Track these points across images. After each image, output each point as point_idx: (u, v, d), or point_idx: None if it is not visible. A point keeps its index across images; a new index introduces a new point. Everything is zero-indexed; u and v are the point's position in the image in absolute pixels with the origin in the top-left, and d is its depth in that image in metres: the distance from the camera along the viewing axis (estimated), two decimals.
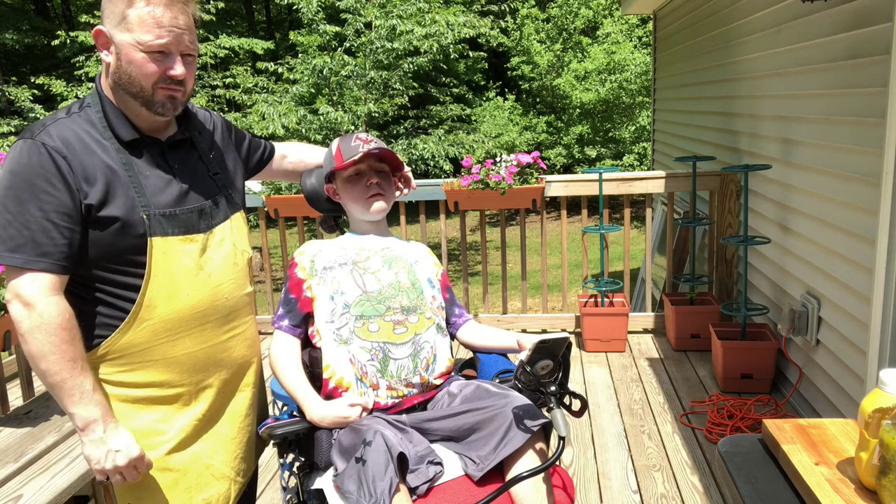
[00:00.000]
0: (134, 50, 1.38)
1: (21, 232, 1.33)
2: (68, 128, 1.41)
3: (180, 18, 1.39)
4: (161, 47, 1.38)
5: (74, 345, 1.37)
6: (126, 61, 1.39)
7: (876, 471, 1.05)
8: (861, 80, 2.52)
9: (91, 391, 1.38)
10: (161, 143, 1.51)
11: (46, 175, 1.35)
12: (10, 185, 1.35)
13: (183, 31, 1.40)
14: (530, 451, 1.51)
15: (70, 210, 1.36)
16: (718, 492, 2.57)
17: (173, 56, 1.40)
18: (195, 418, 1.55)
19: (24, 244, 1.33)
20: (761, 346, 3.32)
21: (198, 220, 1.52)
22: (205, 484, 1.56)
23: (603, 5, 13.48)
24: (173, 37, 1.38)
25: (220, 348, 1.57)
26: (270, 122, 8.49)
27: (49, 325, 1.33)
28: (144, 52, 1.38)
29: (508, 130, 13.33)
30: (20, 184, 1.34)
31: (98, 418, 1.38)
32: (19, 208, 1.34)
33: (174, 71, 1.40)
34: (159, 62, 1.39)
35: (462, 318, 1.94)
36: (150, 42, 1.37)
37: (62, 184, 1.36)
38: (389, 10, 8.84)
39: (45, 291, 1.34)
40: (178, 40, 1.40)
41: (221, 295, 1.55)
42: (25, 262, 1.33)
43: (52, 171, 1.35)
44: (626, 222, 4.20)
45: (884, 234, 2.35)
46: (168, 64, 1.40)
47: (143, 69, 1.39)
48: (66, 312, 1.36)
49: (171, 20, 1.38)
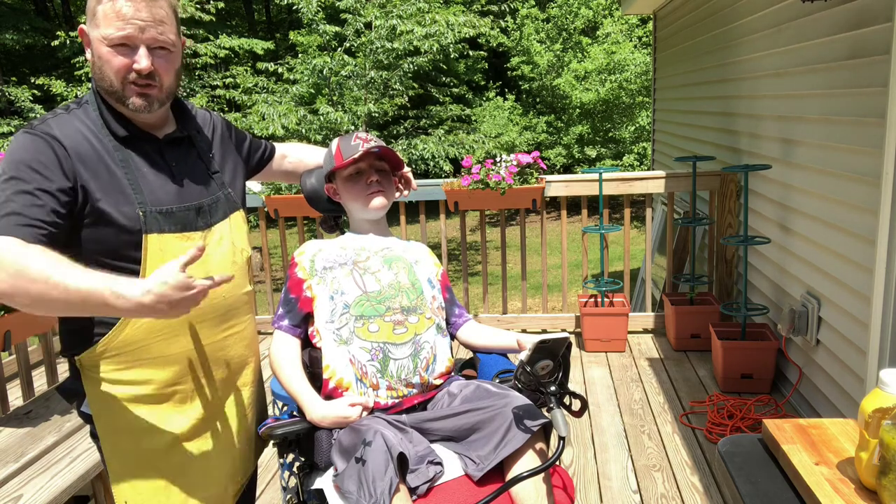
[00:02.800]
0: (101, 45, 1.39)
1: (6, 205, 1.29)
2: (68, 123, 1.42)
3: (143, 11, 1.39)
4: (122, 39, 1.38)
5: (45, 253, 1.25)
6: (97, 56, 1.41)
7: (876, 471, 1.05)
8: (861, 80, 2.52)
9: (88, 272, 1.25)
10: (159, 141, 1.52)
11: (44, 161, 1.35)
12: (4, 170, 1.35)
13: (147, 22, 1.39)
14: (530, 451, 1.51)
15: (61, 195, 1.34)
16: (718, 492, 2.57)
17: (137, 49, 1.40)
18: (194, 417, 1.55)
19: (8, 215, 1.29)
20: (761, 346, 3.32)
21: (195, 217, 1.52)
22: (204, 483, 1.56)
23: (603, 5, 13.48)
24: (134, 28, 1.38)
25: (217, 347, 1.57)
26: (270, 123, 8.50)
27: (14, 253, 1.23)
28: (108, 46, 1.39)
29: (508, 130, 13.32)
30: (17, 167, 1.34)
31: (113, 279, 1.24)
32: (10, 189, 1.31)
33: (138, 64, 1.39)
34: (124, 55, 1.39)
35: (462, 318, 1.94)
36: (111, 35, 1.37)
37: (59, 171, 1.36)
38: (389, 10, 8.85)
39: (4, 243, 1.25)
40: (142, 32, 1.39)
41: (219, 294, 1.54)
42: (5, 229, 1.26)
43: (51, 159, 1.36)
44: (626, 222, 4.20)
45: (884, 234, 2.35)
46: (133, 57, 1.40)
47: (109, 63, 1.40)
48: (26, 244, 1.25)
49: (133, 12, 1.38)
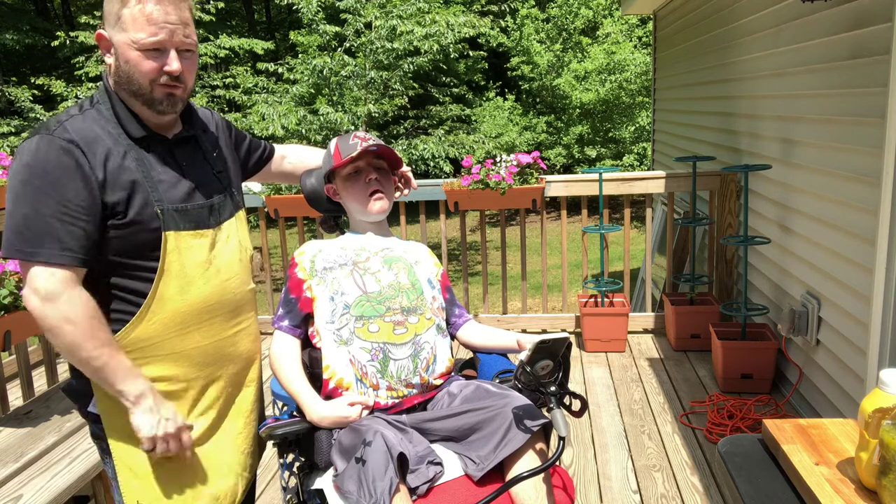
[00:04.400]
0: (129, 49, 1.39)
1: (41, 227, 1.34)
2: (83, 124, 1.42)
3: (172, 14, 1.40)
4: (154, 44, 1.39)
5: (105, 329, 1.40)
6: (123, 61, 1.41)
7: (876, 471, 1.05)
8: (861, 80, 2.52)
9: (132, 366, 1.42)
10: (168, 141, 1.53)
11: (66, 170, 1.36)
12: (27, 181, 1.35)
13: (176, 25, 1.40)
14: (530, 452, 1.51)
15: (88, 205, 1.37)
16: (718, 492, 2.57)
17: (168, 52, 1.41)
18: (205, 413, 1.56)
19: (44, 240, 1.34)
20: (761, 346, 3.32)
21: (207, 215, 1.54)
22: (213, 478, 1.57)
23: (603, 5, 13.48)
24: (166, 33, 1.39)
25: (227, 342, 1.59)
26: (270, 123, 8.50)
27: (78, 315, 1.35)
28: (139, 51, 1.39)
29: (508, 131, 13.32)
30: (38, 179, 1.35)
31: (146, 390, 1.42)
32: (38, 204, 1.34)
33: (170, 67, 1.41)
34: (155, 59, 1.40)
35: (462, 319, 1.94)
36: (143, 40, 1.38)
37: (81, 179, 1.37)
38: (389, 11, 8.85)
39: (66, 285, 1.35)
40: (172, 35, 1.40)
41: (229, 289, 1.57)
42: (48, 257, 1.34)
43: (71, 167, 1.36)
44: (626, 222, 4.20)
45: (884, 234, 2.35)
46: (164, 60, 1.41)
47: (139, 67, 1.40)
48: (90, 301, 1.39)
49: (164, 16, 1.38)
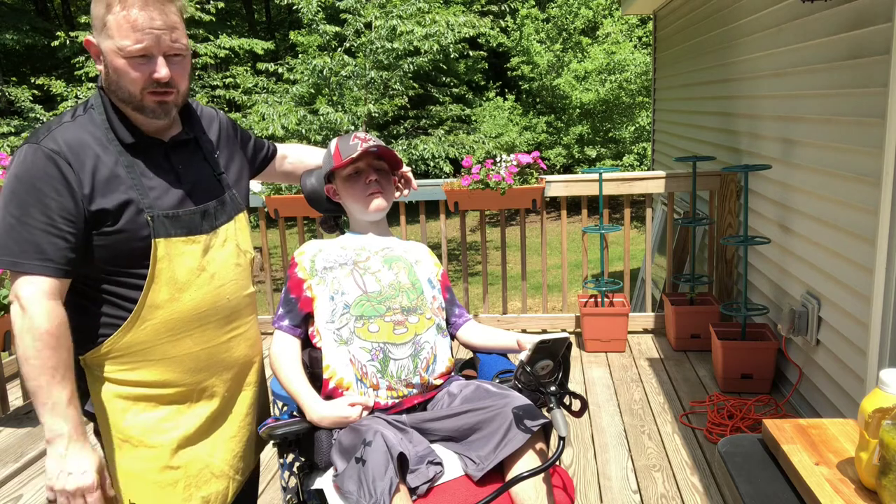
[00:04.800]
0: (116, 56, 1.36)
1: (24, 237, 1.34)
2: (73, 132, 1.41)
3: (157, 19, 1.35)
4: (140, 52, 1.35)
5: (58, 352, 1.33)
6: (112, 69, 1.38)
7: (876, 471, 1.05)
8: (861, 80, 2.52)
9: (65, 404, 1.33)
10: (164, 144, 1.51)
11: (50, 180, 1.35)
12: (14, 190, 1.35)
13: (162, 31, 1.36)
14: (530, 452, 1.51)
15: (73, 215, 1.36)
16: (718, 492, 2.57)
17: (156, 59, 1.38)
18: (199, 418, 1.56)
19: (26, 249, 1.34)
20: (761, 346, 3.32)
21: (200, 221, 1.52)
22: (204, 482, 1.57)
23: (603, 5, 13.48)
24: (151, 39, 1.35)
25: (221, 349, 1.57)
26: (270, 123, 8.50)
27: (37, 329, 1.32)
28: (125, 58, 1.36)
29: (508, 131, 13.32)
30: (24, 188, 1.35)
31: (64, 434, 1.32)
32: (23, 213, 1.34)
33: (158, 74, 1.38)
34: (142, 66, 1.37)
35: (462, 318, 1.94)
36: (129, 47, 1.35)
37: (66, 189, 1.36)
38: (389, 11, 8.85)
39: (40, 295, 1.34)
40: (158, 42, 1.36)
41: (223, 296, 1.55)
42: (28, 267, 1.34)
43: (57, 177, 1.35)
44: (626, 222, 4.20)
45: (884, 234, 2.35)
46: (152, 67, 1.38)
47: (127, 75, 1.37)
48: (56, 319, 1.34)
49: (148, 22, 1.34)
